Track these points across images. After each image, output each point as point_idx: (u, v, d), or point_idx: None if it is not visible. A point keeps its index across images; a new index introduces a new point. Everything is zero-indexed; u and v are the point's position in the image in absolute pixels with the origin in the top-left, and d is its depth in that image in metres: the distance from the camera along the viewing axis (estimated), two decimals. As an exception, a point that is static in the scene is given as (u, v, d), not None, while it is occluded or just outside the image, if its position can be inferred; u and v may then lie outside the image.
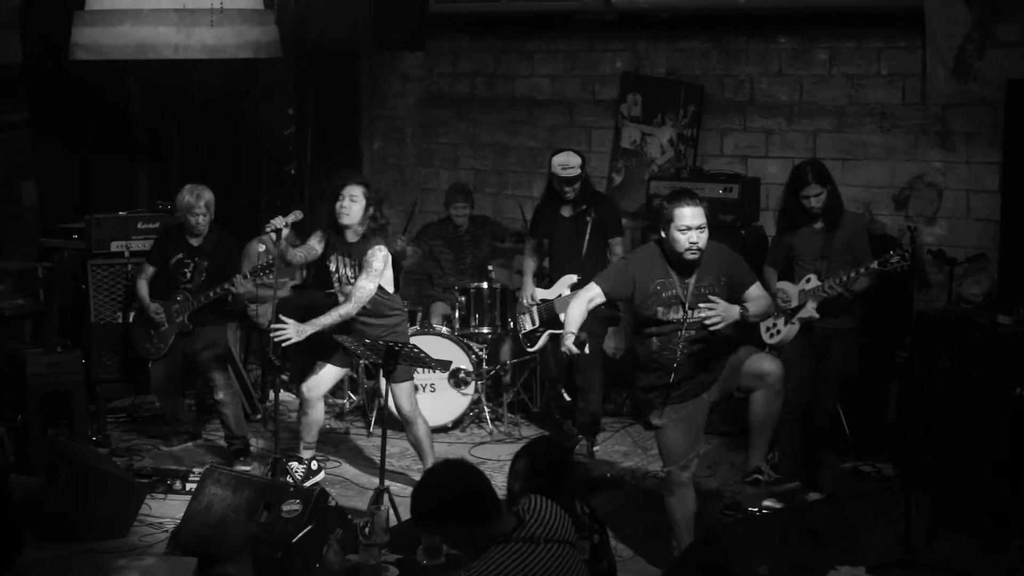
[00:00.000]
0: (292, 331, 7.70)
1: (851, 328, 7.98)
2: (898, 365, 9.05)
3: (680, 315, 6.66)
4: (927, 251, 9.34)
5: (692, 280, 6.66)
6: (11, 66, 10.04)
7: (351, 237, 7.80)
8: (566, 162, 8.91)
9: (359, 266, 7.76)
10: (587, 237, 8.85)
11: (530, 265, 9.38)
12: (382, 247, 7.75)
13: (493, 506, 4.50)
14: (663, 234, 6.68)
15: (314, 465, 8.20)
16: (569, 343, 6.74)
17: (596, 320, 8.52)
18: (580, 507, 5.56)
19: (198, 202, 8.65)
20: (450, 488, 4.50)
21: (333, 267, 7.95)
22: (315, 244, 8.06)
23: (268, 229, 7.90)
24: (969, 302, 8.94)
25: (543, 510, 4.59)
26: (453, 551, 5.46)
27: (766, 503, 7.91)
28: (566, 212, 8.98)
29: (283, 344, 7.77)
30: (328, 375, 8.07)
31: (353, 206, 7.74)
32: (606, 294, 6.83)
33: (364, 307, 7.76)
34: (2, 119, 10.15)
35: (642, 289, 6.70)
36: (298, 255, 8.13)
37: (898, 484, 8.10)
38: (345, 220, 7.76)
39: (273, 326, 7.76)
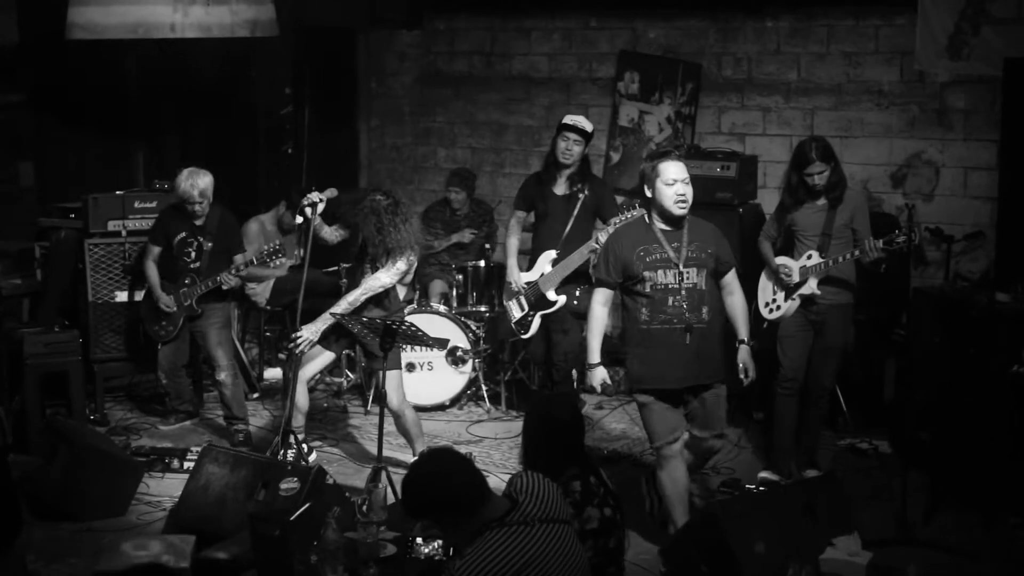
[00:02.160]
0: (307, 333, 7.78)
1: (848, 303, 7.97)
2: (895, 343, 9.07)
3: (671, 279, 6.72)
4: (924, 229, 9.33)
5: (682, 243, 6.74)
6: (8, 46, 10.02)
7: None
8: (577, 119, 8.80)
9: (387, 259, 7.77)
10: (574, 216, 8.79)
11: (514, 245, 9.09)
12: (410, 256, 7.76)
13: (481, 493, 4.44)
14: (649, 193, 6.78)
15: (304, 448, 8.14)
16: (597, 380, 6.99)
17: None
18: (595, 477, 5.53)
19: (192, 191, 8.58)
20: (435, 481, 4.45)
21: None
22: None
23: (304, 203, 7.91)
24: (967, 280, 8.94)
25: (537, 488, 4.53)
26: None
27: (762, 475, 8.01)
28: (560, 189, 8.87)
29: (300, 348, 7.81)
30: (316, 358, 8.03)
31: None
32: (613, 283, 6.90)
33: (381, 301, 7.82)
34: (-1, 99, 10.15)
35: (624, 259, 6.78)
36: (335, 235, 8.17)
37: (895, 462, 8.12)
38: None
39: (292, 337, 7.82)
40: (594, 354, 7.00)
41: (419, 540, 5.53)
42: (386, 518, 5.82)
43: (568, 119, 8.81)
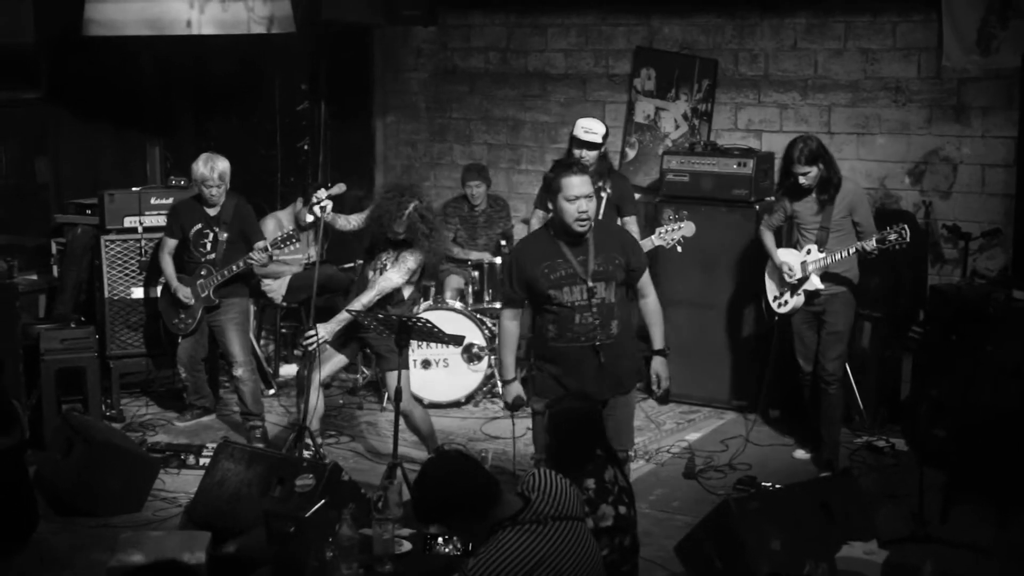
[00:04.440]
0: (322, 331, 7.76)
1: (848, 292, 8.07)
2: (912, 340, 9.04)
3: (578, 295, 6.40)
4: (942, 226, 9.31)
5: (588, 256, 6.41)
6: (25, 43, 10.02)
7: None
8: (590, 127, 8.71)
9: (395, 258, 7.76)
10: (601, 212, 8.72)
11: None
12: (419, 253, 7.77)
13: (493, 494, 4.45)
14: (550, 206, 6.51)
15: (320, 446, 8.10)
16: (511, 396, 6.70)
17: None
18: (612, 472, 5.53)
19: (211, 174, 8.63)
20: (445, 485, 4.45)
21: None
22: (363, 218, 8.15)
23: (314, 201, 7.96)
24: (984, 277, 8.92)
25: (550, 486, 4.55)
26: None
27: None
28: None
29: (312, 346, 7.81)
30: (328, 362, 8.00)
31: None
32: (519, 299, 6.62)
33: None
34: (16, 96, 10.15)
35: (529, 275, 6.46)
36: (351, 222, 8.20)
37: (912, 459, 8.10)
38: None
39: (306, 335, 7.81)
40: (508, 371, 6.71)
41: (439, 540, 5.52)
42: (401, 515, 5.83)
43: (580, 132, 8.70)
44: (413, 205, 7.65)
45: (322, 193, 8.01)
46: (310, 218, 8.24)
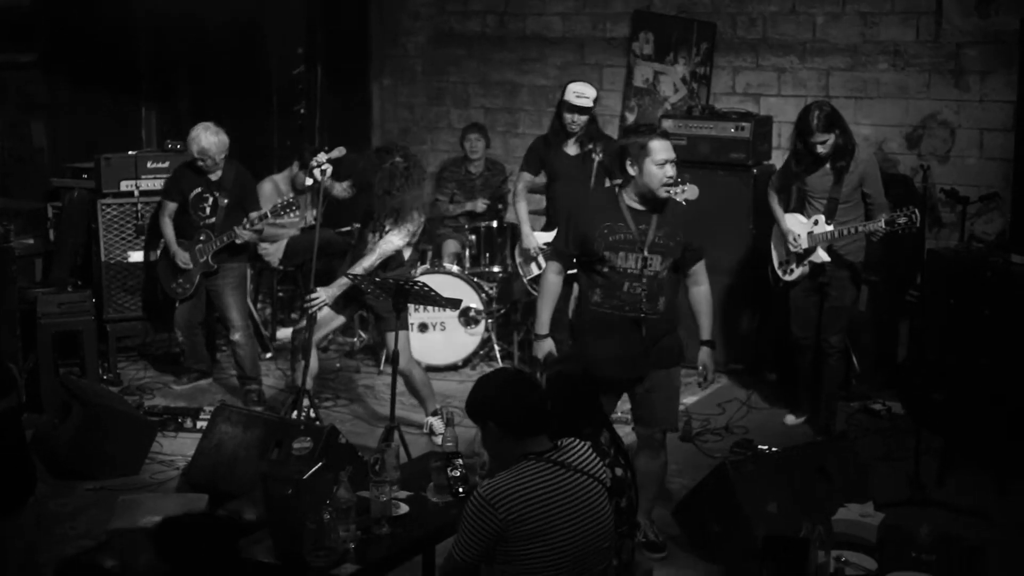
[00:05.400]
0: (323, 295, 7.77)
1: (854, 264, 8.01)
2: (909, 304, 9.04)
3: (632, 263, 6.23)
4: (940, 190, 9.29)
5: (650, 227, 6.24)
6: (21, 6, 9.99)
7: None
8: (581, 91, 8.64)
9: (395, 220, 7.75)
10: (592, 177, 8.63)
11: (524, 208, 8.92)
12: (416, 216, 7.77)
13: (537, 425, 4.61)
14: (632, 171, 6.24)
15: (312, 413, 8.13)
16: (543, 352, 6.54)
17: None
18: (607, 435, 5.55)
19: (191, 147, 8.59)
20: (502, 391, 4.64)
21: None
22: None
23: (313, 165, 7.92)
24: (981, 241, 8.92)
25: (580, 447, 4.69)
26: (465, 488, 5.51)
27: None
28: (571, 149, 8.78)
29: (314, 309, 7.82)
30: (326, 323, 8.01)
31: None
32: (569, 256, 6.47)
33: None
34: (12, 60, 10.10)
35: (585, 233, 6.29)
36: (346, 191, 8.24)
37: (908, 423, 8.11)
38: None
39: (307, 297, 7.82)
40: (543, 326, 6.55)
41: (454, 471, 5.60)
42: (399, 477, 5.83)
43: (572, 96, 8.63)
44: (391, 162, 7.67)
45: (322, 156, 7.98)
46: (309, 181, 8.23)
